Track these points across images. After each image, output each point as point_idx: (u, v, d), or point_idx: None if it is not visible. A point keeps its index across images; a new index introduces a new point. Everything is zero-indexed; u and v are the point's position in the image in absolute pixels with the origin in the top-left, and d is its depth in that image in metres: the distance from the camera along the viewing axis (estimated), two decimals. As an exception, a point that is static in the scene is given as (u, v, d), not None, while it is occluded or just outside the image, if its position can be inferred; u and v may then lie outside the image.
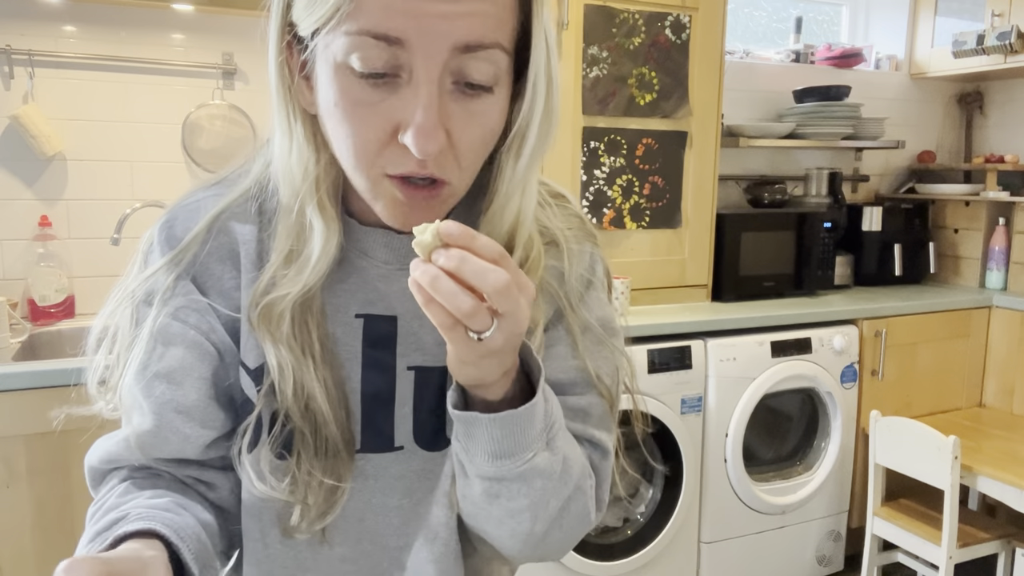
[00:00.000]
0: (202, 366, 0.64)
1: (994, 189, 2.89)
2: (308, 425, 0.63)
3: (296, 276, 0.62)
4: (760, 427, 2.37)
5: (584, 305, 0.70)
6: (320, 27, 0.53)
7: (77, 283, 2.14)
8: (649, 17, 2.29)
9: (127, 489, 0.63)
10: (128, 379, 0.64)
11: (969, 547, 2.21)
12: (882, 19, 3.30)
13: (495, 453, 0.59)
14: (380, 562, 0.68)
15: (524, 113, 0.58)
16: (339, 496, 0.65)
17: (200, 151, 2.21)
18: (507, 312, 0.51)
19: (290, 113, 0.60)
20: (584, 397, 0.68)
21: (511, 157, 0.61)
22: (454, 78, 0.54)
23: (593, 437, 0.68)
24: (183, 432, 0.63)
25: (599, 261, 0.73)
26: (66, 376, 1.58)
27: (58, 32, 2.05)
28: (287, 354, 0.62)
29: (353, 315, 0.65)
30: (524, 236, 0.65)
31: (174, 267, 0.64)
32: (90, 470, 0.69)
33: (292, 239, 0.63)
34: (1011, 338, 2.75)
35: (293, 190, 0.62)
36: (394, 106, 0.54)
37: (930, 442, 2.17)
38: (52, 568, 0.46)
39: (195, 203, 0.67)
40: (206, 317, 0.64)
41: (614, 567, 2.13)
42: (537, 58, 0.57)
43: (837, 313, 2.46)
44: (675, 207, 2.42)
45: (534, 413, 0.58)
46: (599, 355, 0.70)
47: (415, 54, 0.52)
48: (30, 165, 2.07)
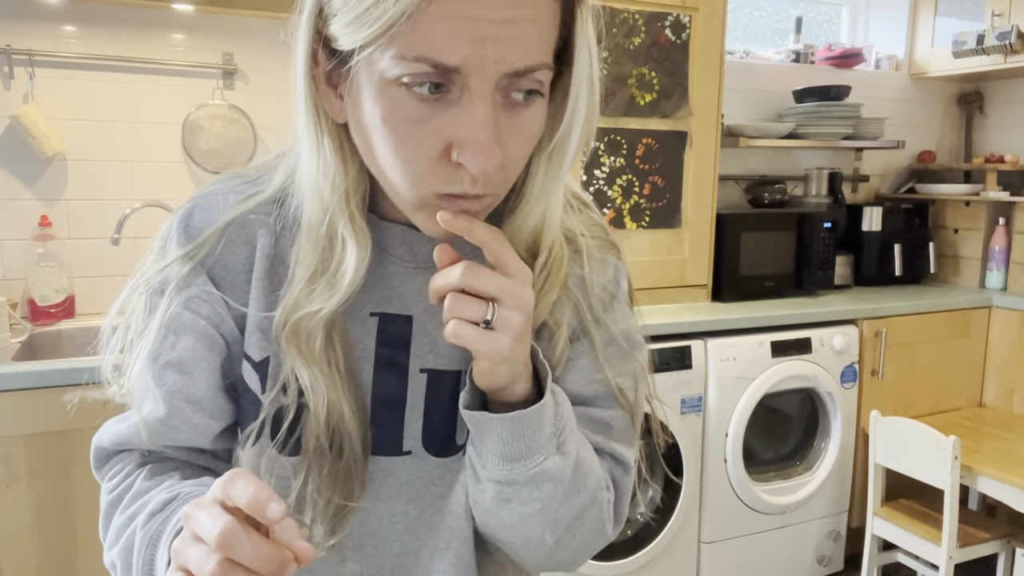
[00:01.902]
0: (212, 357, 0.64)
1: (994, 189, 2.89)
2: (327, 436, 0.62)
3: (327, 291, 0.60)
4: (760, 427, 2.37)
5: (608, 318, 0.69)
6: (367, 44, 0.51)
7: (77, 283, 2.14)
8: (649, 17, 2.29)
9: (152, 472, 0.65)
10: (139, 367, 0.64)
11: (969, 547, 2.21)
12: (882, 19, 3.30)
13: (505, 455, 0.59)
14: (383, 567, 0.67)
15: (565, 122, 0.57)
16: (348, 512, 0.64)
17: (200, 151, 2.21)
18: (497, 292, 0.54)
19: (318, 125, 0.58)
20: (607, 411, 0.68)
21: (545, 162, 0.60)
22: (503, 93, 0.53)
23: (615, 451, 0.68)
24: (192, 422, 0.64)
25: (623, 274, 0.73)
26: (66, 376, 1.58)
27: (58, 32, 2.05)
28: (317, 372, 0.61)
29: (368, 313, 0.65)
30: (549, 239, 0.65)
31: (189, 259, 0.64)
32: (97, 450, 0.69)
33: (320, 254, 0.61)
34: (1011, 338, 2.75)
35: (322, 205, 0.60)
36: (446, 123, 0.52)
37: (930, 442, 2.16)
38: (52, 568, 0.46)
39: (215, 195, 0.66)
40: (217, 309, 0.64)
41: (614, 567, 2.13)
42: (580, 70, 0.56)
43: (837, 313, 2.46)
44: (675, 207, 2.42)
45: (542, 415, 0.59)
46: (622, 369, 0.69)
47: (470, 77, 0.51)
48: (30, 165, 2.07)
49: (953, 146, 3.39)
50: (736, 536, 2.34)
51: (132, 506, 0.61)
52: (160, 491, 0.61)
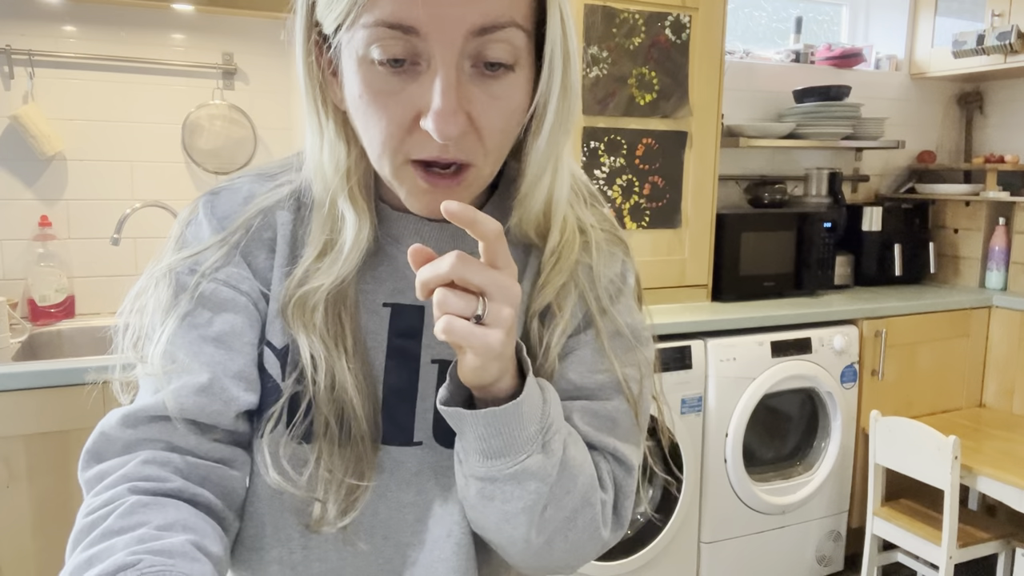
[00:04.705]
0: (251, 332, 0.65)
1: (994, 189, 2.89)
2: (336, 418, 0.63)
3: (329, 268, 0.63)
4: (760, 427, 2.37)
5: (615, 309, 0.70)
6: (341, 22, 0.54)
7: (77, 283, 2.14)
8: (649, 17, 2.29)
9: (132, 509, 0.56)
10: (166, 346, 0.62)
11: (969, 547, 2.21)
12: (882, 19, 3.30)
13: (485, 452, 0.59)
14: (392, 558, 0.67)
15: (542, 90, 0.58)
16: (360, 494, 0.64)
17: (200, 151, 2.21)
18: (487, 284, 0.54)
19: (320, 111, 0.61)
20: (611, 402, 0.68)
21: (532, 136, 0.61)
22: (473, 60, 0.55)
23: (617, 451, 0.67)
24: (231, 393, 0.62)
25: (630, 270, 0.73)
26: (66, 376, 1.58)
27: (58, 32, 2.05)
28: (320, 346, 0.62)
29: (381, 303, 0.66)
30: (559, 218, 0.65)
31: (224, 243, 0.65)
32: (100, 439, 0.63)
33: (326, 232, 0.64)
34: (1011, 338, 2.75)
35: (325, 184, 0.63)
36: (415, 93, 0.55)
37: (930, 442, 2.16)
38: (52, 568, 0.45)
39: (238, 185, 0.68)
40: (255, 287, 0.65)
41: (614, 567, 2.13)
42: (552, 34, 0.57)
43: (837, 313, 2.46)
44: (675, 207, 2.42)
45: (520, 411, 0.58)
46: (627, 361, 0.69)
47: (431, 41, 0.53)
48: (30, 165, 2.07)
49: (953, 146, 3.39)
50: (736, 536, 2.34)
51: (95, 547, 0.54)
52: (122, 546, 0.53)
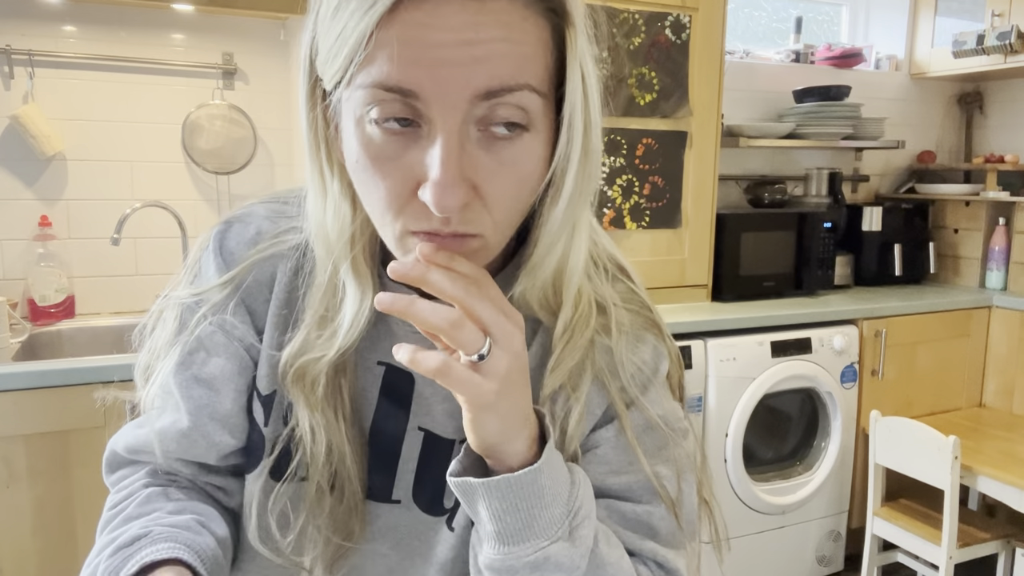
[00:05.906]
0: (240, 379, 0.65)
1: (994, 189, 2.89)
2: (328, 481, 0.62)
3: (330, 339, 0.60)
4: (760, 427, 2.37)
5: (644, 400, 0.64)
6: (339, 79, 0.50)
7: (77, 283, 2.14)
8: (649, 17, 2.29)
9: (148, 498, 0.63)
10: (165, 377, 0.65)
11: (969, 547, 2.21)
12: (882, 19, 3.30)
13: (500, 535, 0.54)
14: None
15: (560, 156, 0.53)
16: (347, 552, 0.64)
17: (200, 151, 2.21)
18: (491, 323, 0.50)
19: (325, 168, 0.56)
20: (643, 506, 0.62)
21: (549, 204, 0.55)
22: (480, 125, 0.49)
23: (657, 555, 0.62)
24: (213, 438, 0.64)
25: (664, 356, 0.67)
26: (66, 376, 1.58)
27: (58, 32, 2.05)
28: (320, 417, 0.60)
29: (375, 361, 0.64)
30: (572, 290, 0.59)
31: (227, 285, 0.64)
32: (111, 454, 0.69)
33: (327, 300, 0.61)
34: (1011, 338, 2.74)
35: (327, 249, 0.59)
36: (415, 160, 0.50)
37: (930, 442, 2.16)
38: (52, 568, 0.46)
39: (249, 219, 0.66)
40: (249, 334, 0.65)
41: (614, 567, 2.13)
42: (572, 97, 0.51)
43: (837, 313, 2.46)
44: (675, 207, 2.42)
45: (538, 483, 0.53)
46: (660, 459, 0.63)
47: (432, 105, 0.48)
48: (30, 165, 2.07)
49: (953, 146, 3.39)
50: (736, 536, 2.34)
51: (115, 531, 0.60)
52: (138, 524, 0.60)
